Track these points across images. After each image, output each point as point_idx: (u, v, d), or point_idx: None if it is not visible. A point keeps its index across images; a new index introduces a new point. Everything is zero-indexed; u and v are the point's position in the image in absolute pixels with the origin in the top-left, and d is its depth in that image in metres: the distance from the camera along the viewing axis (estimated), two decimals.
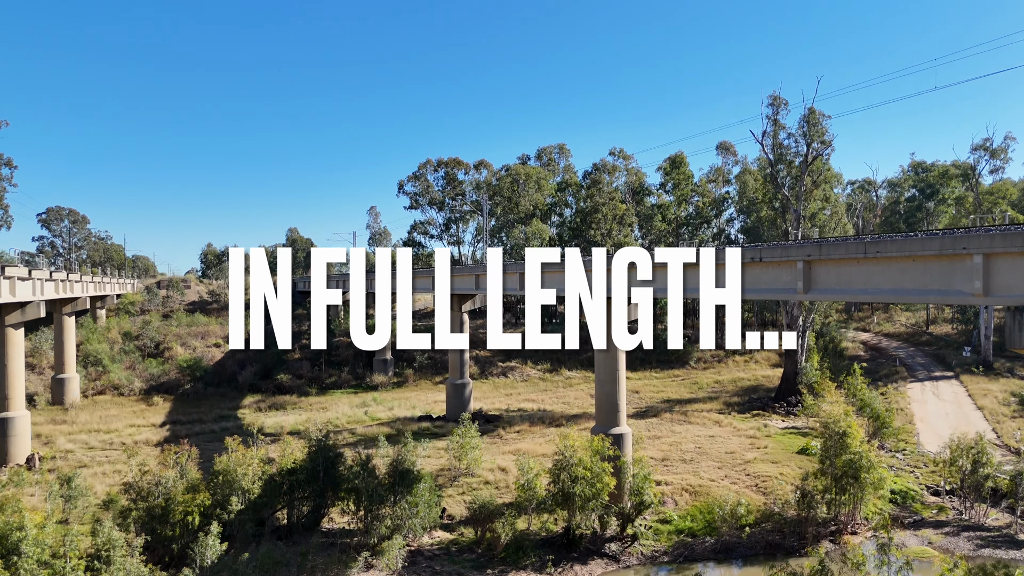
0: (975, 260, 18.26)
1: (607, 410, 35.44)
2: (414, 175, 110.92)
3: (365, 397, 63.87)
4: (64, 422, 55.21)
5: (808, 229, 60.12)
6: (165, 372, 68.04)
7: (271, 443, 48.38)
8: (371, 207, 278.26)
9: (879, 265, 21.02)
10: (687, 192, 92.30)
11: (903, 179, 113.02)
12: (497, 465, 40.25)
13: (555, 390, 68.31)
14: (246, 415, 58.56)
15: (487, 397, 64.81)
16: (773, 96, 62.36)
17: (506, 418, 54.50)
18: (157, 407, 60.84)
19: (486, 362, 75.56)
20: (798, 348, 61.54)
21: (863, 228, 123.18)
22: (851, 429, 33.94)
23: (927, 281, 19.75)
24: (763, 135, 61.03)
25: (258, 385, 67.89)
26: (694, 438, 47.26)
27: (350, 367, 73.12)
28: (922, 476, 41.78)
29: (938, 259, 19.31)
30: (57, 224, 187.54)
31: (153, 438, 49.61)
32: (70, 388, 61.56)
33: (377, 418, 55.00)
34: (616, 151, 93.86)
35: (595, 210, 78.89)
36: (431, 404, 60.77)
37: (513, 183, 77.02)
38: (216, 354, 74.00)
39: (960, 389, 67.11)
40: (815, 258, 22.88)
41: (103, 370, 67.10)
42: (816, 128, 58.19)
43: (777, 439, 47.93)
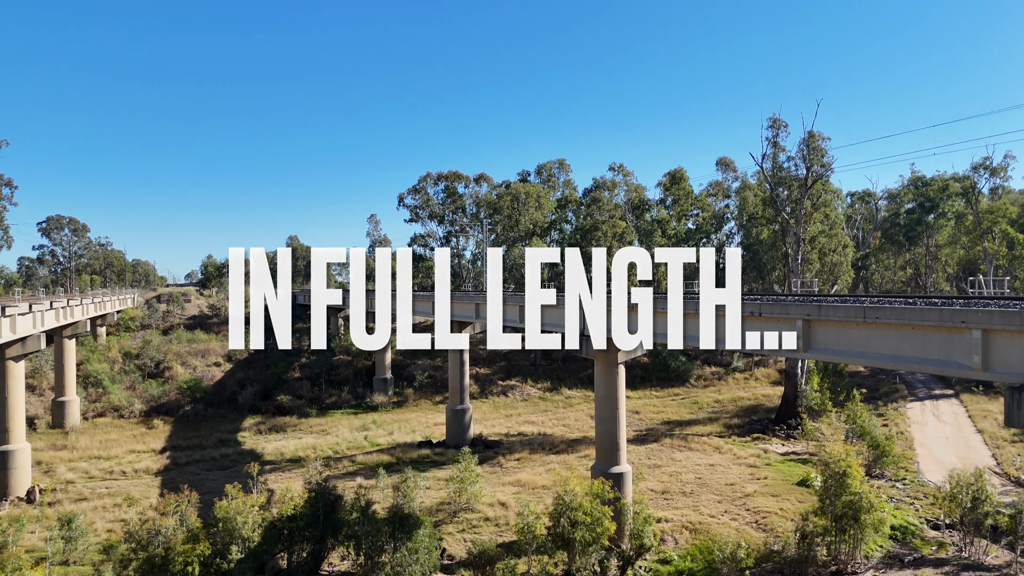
0: (974, 335, 18.28)
1: (607, 448, 35.45)
2: (414, 188, 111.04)
3: (365, 419, 63.84)
4: (64, 447, 55.24)
5: (808, 252, 60.15)
6: (165, 393, 68.08)
7: (271, 472, 48.52)
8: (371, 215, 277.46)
9: (878, 330, 21.04)
10: (687, 207, 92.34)
11: (903, 191, 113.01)
12: (497, 499, 40.24)
13: (555, 410, 68.32)
14: (246, 439, 58.55)
15: (487, 419, 64.82)
16: (773, 118, 62.47)
17: (506, 443, 54.50)
18: (157, 430, 60.86)
19: (486, 380, 75.57)
20: (798, 371, 61.53)
21: (863, 240, 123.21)
22: (851, 469, 33.92)
23: (926, 350, 19.76)
24: (763, 158, 61.09)
25: (258, 406, 67.88)
26: (694, 467, 47.26)
27: (350, 386, 73.11)
28: (922, 508, 41.76)
29: (937, 330, 19.32)
30: (57, 233, 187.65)
31: (153, 466, 49.60)
32: (70, 411, 61.59)
33: (377, 444, 54.98)
34: (616, 166, 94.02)
35: (595, 228, 78.91)
36: (431, 427, 60.76)
37: (513, 200, 77.04)
38: (216, 373, 74.01)
39: (960, 409, 67.09)
40: (814, 318, 22.91)
41: (103, 391, 67.17)
42: (816, 152, 58.21)
43: (777, 468, 47.92)
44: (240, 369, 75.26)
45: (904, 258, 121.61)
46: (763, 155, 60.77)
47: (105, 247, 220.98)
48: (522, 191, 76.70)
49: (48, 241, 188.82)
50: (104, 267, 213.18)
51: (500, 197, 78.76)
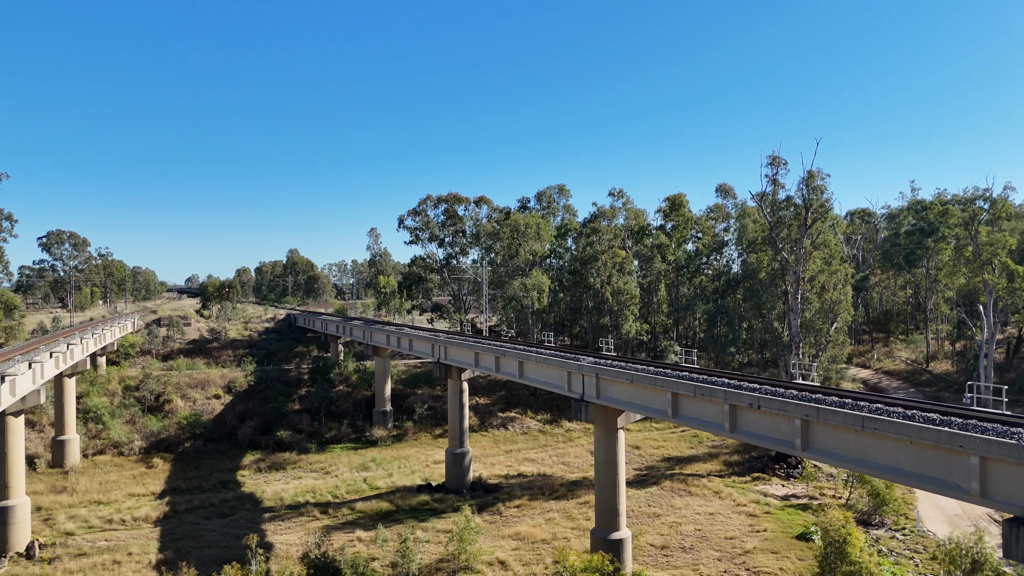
0: (972, 460, 18.26)
1: (607, 514, 35.43)
2: (414, 210, 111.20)
3: (365, 456, 63.77)
4: (64, 490, 55.24)
5: (808, 291, 60.13)
6: (165, 428, 68.06)
7: (270, 520, 48.48)
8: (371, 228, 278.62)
9: (877, 440, 21.02)
10: (686, 233, 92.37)
11: (902, 213, 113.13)
12: (496, 557, 40.17)
13: (555, 445, 68.28)
14: (246, 479, 58.51)
15: (487, 455, 64.78)
16: (772, 156, 62.53)
17: (506, 487, 54.45)
18: (157, 469, 60.81)
19: (486, 412, 75.53)
20: None
21: (863, 260, 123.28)
22: (851, 537, 33.93)
23: (925, 467, 19.74)
24: (762, 197, 61.07)
25: (258, 441, 67.83)
26: (694, 517, 47.22)
27: (350, 419, 73.04)
28: (922, 563, 41.65)
29: (936, 449, 19.31)
30: (58, 247, 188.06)
31: (152, 514, 49.52)
32: (70, 450, 61.59)
33: (376, 487, 54.94)
34: (615, 191, 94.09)
35: (594, 258, 78.90)
36: (430, 466, 60.72)
37: (513, 231, 77.08)
38: (216, 406, 73.97)
39: None
40: (813, 420, 22.89)
41: (103, 427, 67.17)
42: (815, 192, 58.21)
43: (777, 516, 47.87)
44: (240, 401, 75.23)
45: (904, 278, 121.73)
46: (762, 194, 60.76)
47: (106, 257, 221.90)
48: (521, 222, 76.71)
49: (48, 256, 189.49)
50: (105, 278, 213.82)
51: (500, 227, 78.73)
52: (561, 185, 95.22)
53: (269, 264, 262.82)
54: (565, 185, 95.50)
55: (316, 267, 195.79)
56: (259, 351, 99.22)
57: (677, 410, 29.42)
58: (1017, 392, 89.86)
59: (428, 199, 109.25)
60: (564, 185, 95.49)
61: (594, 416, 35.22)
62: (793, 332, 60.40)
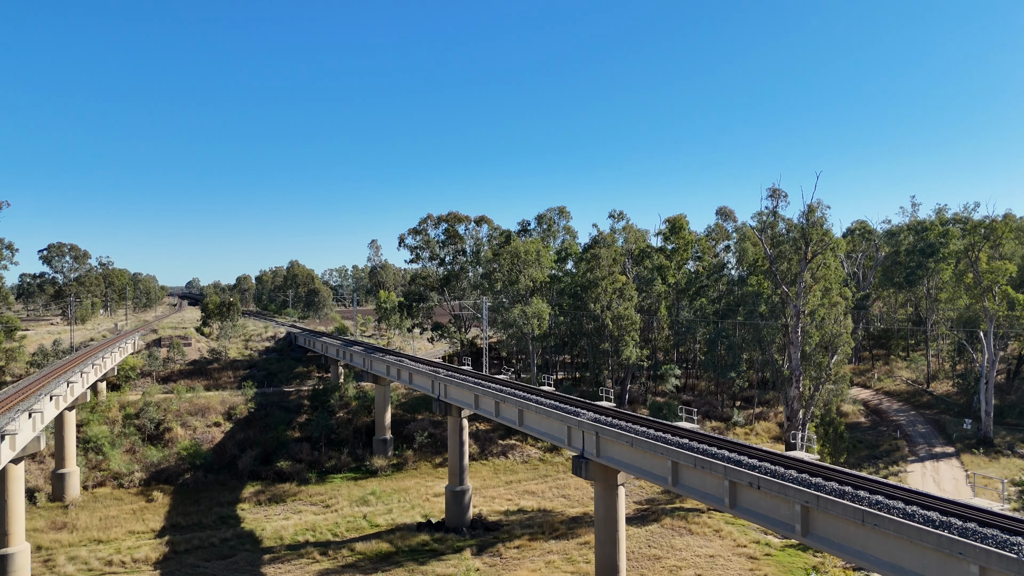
0: (972, 568, 18.23)
1: (607, 571, 35.36)
2: (415, 229, 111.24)
3: (365, 488, 63.68)
4: (64, 527, 55.24)
5: (808, 325, 60.10)
6: (165, 458, 68.04)
7: (269, 563, 48.45)
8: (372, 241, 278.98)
9: (877, 535, 20.99)
10: (686, 256, 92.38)
11: (903, 232, 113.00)
12: None
13: (556, 476, 68.20)
14: (246, 513, 58.47)
15: (487, 486, 64.74)
16: (772, 188, 62.58)
17: (506, 525, 54.39)
18: (157, 503, 60.74)
19: (486, 439, 75.47)
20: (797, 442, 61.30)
21: (863, 277, 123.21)
22: None
23: (924, 567, 19.70)
24: (762, 231, 61.03)
25: (258, 471, 67.76)
26: (694, 559, 47.17)
27: (350, 448, 72.96)
28: None
29: (936, 552, 19.27)
30: (59, 260, 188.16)
31: (152, 555, 49.48)
32: (70, 483, 61.57)
33: (376, 524, 54.89)
34: (615, 213, 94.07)
35: (594, 284, 78.89)
36: (430, 500, 60.67)
37: (513, 258, 77.05)
38: (216, 434, 73.92)
39: (961, 474, 67.08)
40: (812, 507, 22.86)
41: (103, 458, 67.12)
42: (815, 227, 58.18)
43: (778, 559, 47.83)
44: (240, 429, 75.18)
45: (905, 295, 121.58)
46: (762, 228, 60.73)
47: (106, 266, 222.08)
48: (521, 249, 76.68)
49: (49, 268, 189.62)
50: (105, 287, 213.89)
51: (500, 254, 78.72)
52: (562, 207, 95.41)
53: (270, 273, 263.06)
54: (565, 207, 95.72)
55: (317, 279, 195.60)
56: (260, 372, 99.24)
57: (677, 478, 29.40)
58: (1018, 416, 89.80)
59: (429, 218, 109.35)
60: (564, 207, 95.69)
61: (594, 474, 35.19)
62: (793, 365, 60.37)
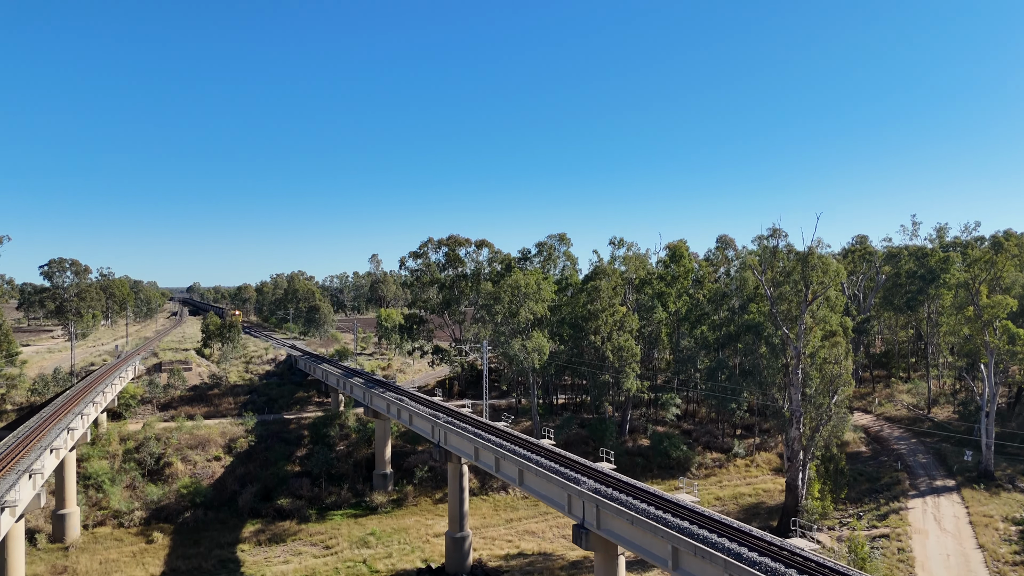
0: None
1: None
2: (415, 253, 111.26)
3: (365, 527, 63.67)
4: (64, 571, 55.37)
5: (808, 367, 60.08)
6: (166, 495, 68.08)
7: None
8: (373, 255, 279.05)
9: None
10: (686, 284, 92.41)
11: (903, 254, 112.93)
12: None
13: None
14: (246, 556, 58.48)
15: (487, 525, 64.73)
16: (773, 228, 62.60)
17: (506, 571, 54.38)
18: (157, 544, 60.72)
19: (485, 474, 75.38)
20: (799, 483, 61.45)
21: (864, 300, 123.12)
22: None
23: None
24: (762, 272, 61.03)
25: (258, 508, 67.78)
26: None
27: (350, 482, 72.95)
28: None
29: None
30: (60, 275, 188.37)
31: None
32: (70, 524, 61.59)
33: (376, 570, 54.88)
34: (615, 240, 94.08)
35: (595, 316, 78.89)
36: (430, 541, 60.63)
37: (513, 291, 77.10)
38: (217, 469, 73.94)
39: (962, 511, 67.00)
40: None
41: (103, 495, 67.14)
42: (815, 270, 58.18)
43: None
44: (240, 463, 75.17)
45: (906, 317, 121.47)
46: (763, 269, 60.73)
47: (107, 277, 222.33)
48: (521, 281, 76.76)
49: (49, 283, 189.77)
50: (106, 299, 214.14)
51: (500, 286, 78.75)
52: (562, 234, 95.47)
53: (271, 284, 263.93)
54: (566, 234, 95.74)
55: (317, 293, 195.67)
56: (260, 397, 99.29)
57: (678, 563, 29.38)
58: (1020, 443, 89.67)
59: (430, 242, 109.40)
60: (564, 234, 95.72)
61: (594, 544, 35.18)
62: (794, 406, 60.36)
